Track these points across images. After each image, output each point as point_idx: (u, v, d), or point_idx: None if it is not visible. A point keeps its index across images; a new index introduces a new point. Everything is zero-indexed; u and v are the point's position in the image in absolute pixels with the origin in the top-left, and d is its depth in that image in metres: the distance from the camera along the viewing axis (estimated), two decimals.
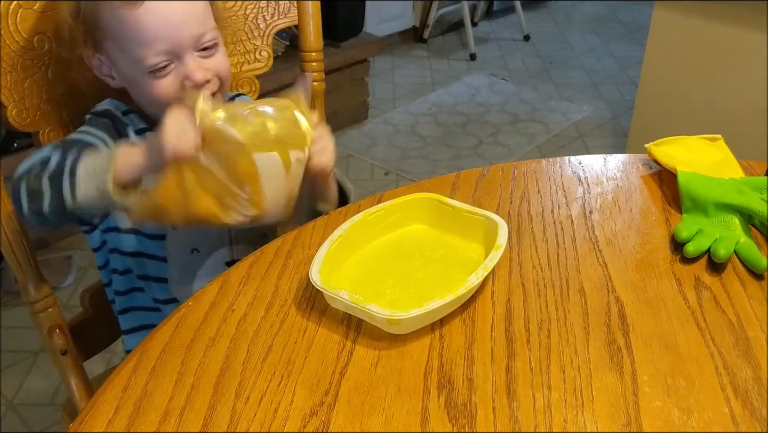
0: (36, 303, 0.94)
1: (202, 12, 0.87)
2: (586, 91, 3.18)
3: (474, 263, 0.77)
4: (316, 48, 1.10)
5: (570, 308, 0.76)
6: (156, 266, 0.95)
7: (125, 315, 1.01)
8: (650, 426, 0.62)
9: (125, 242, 0.95)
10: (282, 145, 0.80)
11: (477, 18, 3.86)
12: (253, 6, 1.06)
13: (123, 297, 1.00)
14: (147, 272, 0.96)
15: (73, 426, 0.64)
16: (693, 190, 0.91)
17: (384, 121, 2.88)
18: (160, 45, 0.83)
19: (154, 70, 0.84)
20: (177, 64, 0.85)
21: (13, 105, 0.88)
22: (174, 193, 0.76)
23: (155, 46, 0.83)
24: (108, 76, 0.90)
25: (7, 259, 0.91)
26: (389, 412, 0.64)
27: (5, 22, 0.85)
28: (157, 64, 0.84)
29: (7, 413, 1.61)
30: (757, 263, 0.81)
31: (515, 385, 0.66)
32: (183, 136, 0.74)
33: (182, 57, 0.85)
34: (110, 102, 0.93)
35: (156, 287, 0.97)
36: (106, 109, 0.92)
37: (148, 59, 0.83)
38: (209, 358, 0.70)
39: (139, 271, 0.96)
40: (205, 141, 0.76)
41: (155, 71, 0.84)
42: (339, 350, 0.71)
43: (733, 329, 0.73)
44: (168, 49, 0.84)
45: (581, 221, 0.90)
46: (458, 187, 0.97)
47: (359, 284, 0.78)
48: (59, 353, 0.95)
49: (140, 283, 0.97)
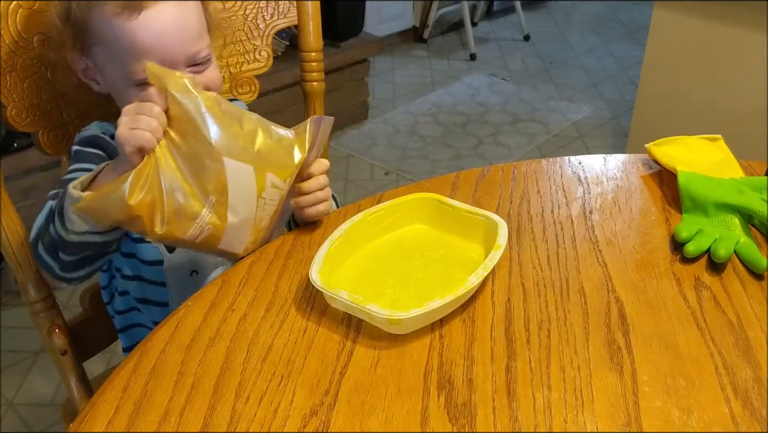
0: (36, 303, 0.94)
1: (198, 30, 0.84)
2: (586, 91, 3.18)
3: (474, 263, 0.77)
4: (316, 48, 1.10)
5: (570, 308, 0.76)
6: (155, 290, 0.95)
7: (125, 333, 1.02)
8: (650, 426, 0.62)
9: (124, 266, 0.95)
10: (261, 162, 0.76)
11: (477, 18, 3.86)
12: (252, 6, 1.06)
13: (122, 316, 1.00)
14: (147, 296, 0.96)
15: (73, 426, 0.64)
16: (693, 190, 0.91)
17: (384, 121, 2.88)
18: (152, 60, 0.79)
19: (142, 83, 0.81)
20: None
21: (12, 105, 0.88)
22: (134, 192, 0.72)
23: (146, 58, 0.79)
24: (92, 81, 0.87)
25: (7, 259, 0.91)
26: (389, 412, 0.64)
27: (5, 22, 0.85)
28: (147, 78, 0.80)
29: (7, 413, 1.61)
30: (757, 262, 0.81)
31: (515, 385, 0.66)
32: (136, 128, 0.71)
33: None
34: (97, 126, 0.90)
35: (156, 310, 0.97)
36: (93, 136, 0.88)
37: (138, 73, 0.80)
38: (209, 358, 0.70)
39: (138, 294, 0.96)
40: (177, 130, 0.73)
41: (143, 84, 0.81)
42: (339, 350, 0.71)
43: (733, 329, 0.73)
44: (161, 63, 0.80)
45: (581, 221, 0.90)
46: (458, 187, 0.97)
47: (359, 284, 0.78)
48: (59, 353, 0.95)
49: (140, 306, 0.97)
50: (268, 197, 0.79)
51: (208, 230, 0.77)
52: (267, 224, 0.81)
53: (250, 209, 0.78)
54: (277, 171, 0.78)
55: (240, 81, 1.08)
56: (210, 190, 0.75)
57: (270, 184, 0.78)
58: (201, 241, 0.78)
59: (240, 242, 0.81)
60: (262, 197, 0.78)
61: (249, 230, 0.80)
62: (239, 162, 0.75)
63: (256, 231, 0.81)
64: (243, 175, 0.76)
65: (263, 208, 0.79)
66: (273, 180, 0.78)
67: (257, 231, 0.81)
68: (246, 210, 0.78)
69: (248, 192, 0.77)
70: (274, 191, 0.79)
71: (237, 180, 0.76)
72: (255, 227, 0.80)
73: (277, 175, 0.79)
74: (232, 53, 1.06)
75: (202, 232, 0.77)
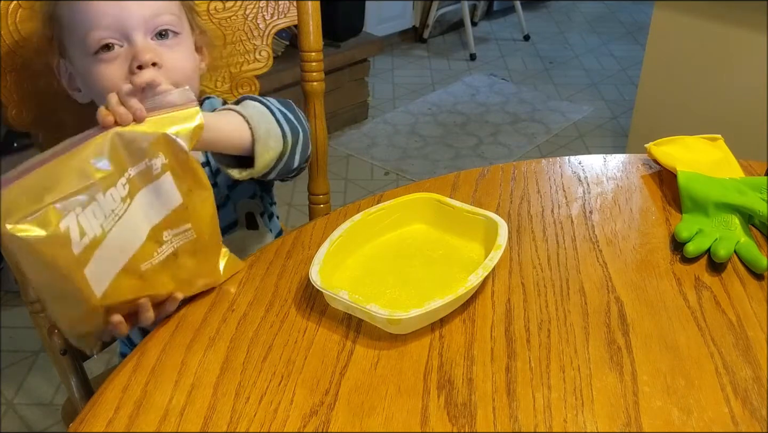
0: (36, 303, 0.94)
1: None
2: (586, 91, 3.18)
3: (474, 263, 0.77)
4: (316, 48, 1.10)
5: (570, 308, 0.76)
6: None
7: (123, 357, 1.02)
8: (650, 426, 0.62)
9: None
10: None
11: (477, 18, 3.86)
12: (252, 6, 1.06)
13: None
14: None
15: (73, 426, 0.64)
16: (693, 190, 0.91)
17: (384, 121, 2.88)
18: (106, 19, 0.77)
19: (99, 50, 0.78)
20: (126, 46, 0.79)
21: (12, 105, 0.88)
22: None
23: (101, 21, 0.77)
24: (75, 90, 0.85)
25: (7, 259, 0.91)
26: (389, 412, 0.64)
27: (5, 22, 0.85)
28: (102, 39, 0.77)
29: (7, 413, 1.61)
30: (757, 262, 0.81)
31: (515, 385, 0.66)
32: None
33: (131, 37, 0.78)
34: None
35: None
36: None
37: (93, 34, 0.77)
38: (209, 358, 0.70)
39: None
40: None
41: (100, 51, 0.78)
42: (339, 350, 0.71)
43: (733, 329, 0.73)
44: (115, 24, 0.77)
45: (581, 221, 0.90)
46: (458, 187, 0.97)
47: (359, 284, 0.78)
48: (59, 353, 0.95)
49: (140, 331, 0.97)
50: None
51: None
52: None
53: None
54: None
55: (240, 81, 1.08)
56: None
57: None
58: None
59: None
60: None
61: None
62: None
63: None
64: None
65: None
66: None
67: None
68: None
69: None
70: None
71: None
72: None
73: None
74: (232, 53, 1.06)
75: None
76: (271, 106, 0.82)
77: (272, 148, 0.80)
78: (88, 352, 0.73)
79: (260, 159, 0.79)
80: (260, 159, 0.79)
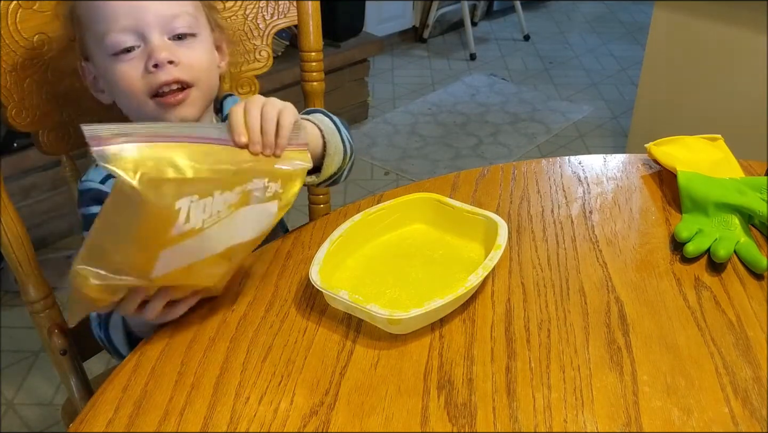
0: (36, 303, 0.94)
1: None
2: (586, 91, 3.18)
3: (474, 263, 0.77)
4: (316, 48, 1.10)
5: (570, 308, 0.76)
6: None
7: None
8: (650, 426, 0.62)
9: None
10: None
11: (477, 18, 3.86)
12: (252, 6, 1.06)
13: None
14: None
15: (73, 426, 0.64)
16: (693, 190, 0.91)
17: (384, 121, 2.88)
18: (123, 20, 0.77)
19: (118, 52, 0.78)
20: (143, 46, 0.79)
21: (12, 105, 0.88)
22: None
23: (119, 22, 0.77)
24: (100, 92, 0.86)
25: (7, 259, 0.91)
26: (389, 412, 0.64)
27: (5, 22, 0.85)
28: (120, 43, 0.77)
29: (7, 413, 1.61)
30: (757, 263, 0.81)
31: (515, 385, 0.66)
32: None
33: (148, 38, 0.78)
34: (95, 173, 0.86)
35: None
36: (96, 191, 0.85)
37: (111, 35, 0.77)
38: (209, 358, 0.70)
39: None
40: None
41: (119, 53, 0.78)
42: (339, 350, 0.71)
43: (733, 329, 0.73)
44: (132, 25, 0.77)
45: (581, 221, 0.90)
46: (458, 187, 0.97)
47: (359, 284, 0.78)
48: (59, 353, 0.95)
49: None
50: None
51: None
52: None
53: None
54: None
55: (240, 81, 1.08)
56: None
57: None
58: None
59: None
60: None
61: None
62: None
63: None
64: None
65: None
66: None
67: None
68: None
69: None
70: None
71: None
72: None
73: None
74: (231, 53, 1.06)
75: None
76: (338, 124, 0.87)
77: (336, 163, 0.84)
78: (71, 321, 0.72)
79: (326, 171, 0.84)
80: (326, 171, 0.84)
